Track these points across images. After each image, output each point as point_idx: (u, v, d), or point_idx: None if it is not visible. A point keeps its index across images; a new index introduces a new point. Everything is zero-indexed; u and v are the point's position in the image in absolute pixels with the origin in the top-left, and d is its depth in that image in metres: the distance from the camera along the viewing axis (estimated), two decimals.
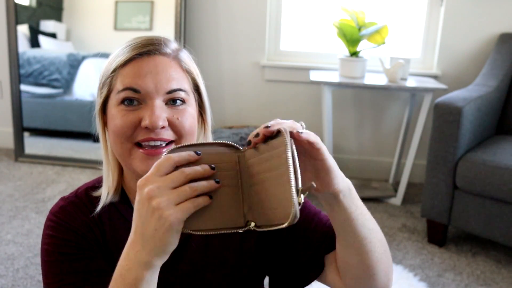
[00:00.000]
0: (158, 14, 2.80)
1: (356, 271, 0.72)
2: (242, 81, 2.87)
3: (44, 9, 2.95)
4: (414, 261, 2.01)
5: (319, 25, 2.83)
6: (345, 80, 2.40)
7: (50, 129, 3.02)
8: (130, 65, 0.74)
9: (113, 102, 0.75)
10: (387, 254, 0.74)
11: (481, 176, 1.92)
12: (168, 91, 0.73)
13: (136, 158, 0.74)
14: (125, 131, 0.73)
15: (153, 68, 0.73)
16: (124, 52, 0.75)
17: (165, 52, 0.76)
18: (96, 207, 0.81)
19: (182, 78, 0.76)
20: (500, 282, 1.88)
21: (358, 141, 2.89)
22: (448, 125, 1.97)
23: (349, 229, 0.67)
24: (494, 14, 2.56)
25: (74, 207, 0.80)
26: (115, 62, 0.75)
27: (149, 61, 0.74)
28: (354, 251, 0.69)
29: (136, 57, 0.74)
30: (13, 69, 2.88)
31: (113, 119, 0.74)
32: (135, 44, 0.75)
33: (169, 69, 0.74)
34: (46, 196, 2.47)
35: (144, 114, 0.72)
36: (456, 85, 2.63)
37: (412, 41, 2.78)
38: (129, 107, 0.73)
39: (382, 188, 2.71)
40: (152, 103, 0.72)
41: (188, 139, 0.75)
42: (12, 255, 1.94)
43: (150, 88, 0.72)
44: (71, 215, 0.79)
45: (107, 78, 0.76)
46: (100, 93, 0.77)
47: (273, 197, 0.57)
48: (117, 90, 0.74)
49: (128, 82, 0.73)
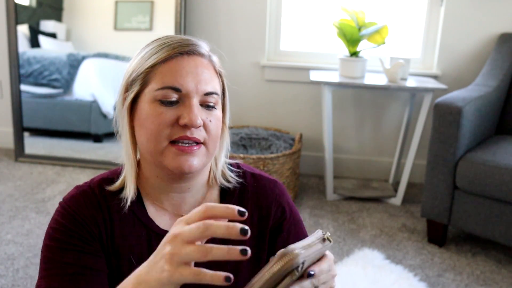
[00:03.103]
0: (158, 14, 2.80)
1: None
2: (242, 81, 2.87)
3: (44, 9, 2.95)
4: (414, 261, 2.01)
5: (319, 25, 2.83)
6: (345, 80, 2.40)
7: (50, 129, 3.02)
8: (171, 63, 0.74)
9: (147, 98, 0.75)
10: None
11: (481, 176, 1.92)
12: (206, 93, 0.75)
13: (169, 155, 0.74)
14: (162, 129, 0.74)
15: (194, 68, 0.75)
16: (162, 50, 0.75)
17: (203, 53, 0.78)
18: (108, 201, 0.80)
19: (216, 81, 0.78)
20: (500, 282, 1.88)
21: (358, 141, 2.89)
22: (448, 125, 1.97)
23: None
24: (494, 14, 2.56)
25: (85, 198, 0.79)
26: (151, 58, 0.75)
27: (189, 60, 0.75)
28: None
29: (176, 56, 0.75)
30: (13, 69, 2.88)
31: (148, 116, 0.74)
32: (174, 43, 0.76)
33: (207, 71, 0.77)
34: (46, 196, 2.47)
35: (183, 112, 0.73)
36: (456, 85, 2.63)
37: (412, 41, 2.78)
38: (167, 105, 0.74)
39: (382, 188, 2.71)
40: (191, 103, 0.74)
41: (215, 141, 0.78)
42: (12, 255, 1.94)
43: (191, 87, 0.74)
44: (80, 206, 0.78)
45: (140, 74, 0.76)
46: (131, 89, 0.77)
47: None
48: (154, 87, 0.74)
49: (169, 81, 0.74)
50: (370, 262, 1.94)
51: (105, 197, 0.80)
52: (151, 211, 0.82)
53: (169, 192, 0.81)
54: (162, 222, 0.82)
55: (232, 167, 0.88)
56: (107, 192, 0.81)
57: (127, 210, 0.80)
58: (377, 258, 1.99)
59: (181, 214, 0.83)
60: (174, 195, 0.82)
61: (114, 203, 0.80)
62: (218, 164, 0.85)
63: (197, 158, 0.75)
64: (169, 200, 0.82)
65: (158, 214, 0.82)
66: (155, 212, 0.82)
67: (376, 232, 2.25)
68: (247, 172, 0.89)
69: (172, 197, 0.82)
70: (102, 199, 0.80)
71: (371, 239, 2.18)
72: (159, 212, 0.83)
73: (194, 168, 0.75)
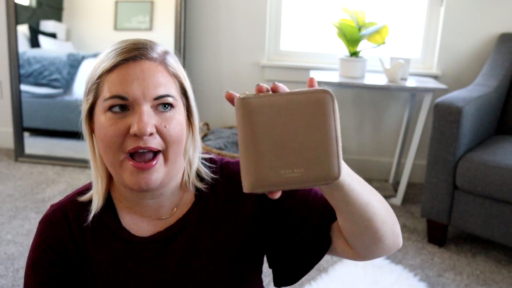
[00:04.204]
0: (158, 14, 2.80)
1: (364, 237, 0.70)
2: (242, 81, 2.87)
3: (44, 9, 2.95)
4: (414, 261, 2.02)
5: (319, 25, 2.83)
6: (345, 80, 2.40)
7: (50, 129, 3.02)
8: (116, 71, 0.72)
9: (100, 109, 0.73)
10: (389, 212, 0.72)
11: (481, 176, 1.92)
12: (155, 97, 0.72)
13: (127, 171, 0.73)
14: (115, 141, 0.71)
15: (139, 74, 0.72)
16: (109, 58, 0.73)
17: (151, 56, 0.74)
18: (81, 214, 0.81)
19: (169, 83, 0.74)
20: (500, 282, 1.88)
21: (358, 141, 2.90)
22: (448, 125, 1.97)
23: (350, 201, 0.63)
24: (494, 14, 2.56)
25: (55, 219, 0.82)
26: (100, 68, 0.73)
27: (135, 66, 0.72)
28: (357, 220, 0.67)
29: (122, 63, 0.72)
30: (13, 69, 2.88)
31: (101, 127, 0.73)
32: (120, 49, 0.73)
33: (156, 74, 0.73)
34: (46, 196, 2.47)
35: (132, 121, 0.71)
36: (456, 85, 2.63)
37: (412, 41, 2.78)
38: (117, 114, 0.72)
39: (382, 188, 2.71)
40: (140, 110, 0.71)
41: (175, 147, 0.74)
42: (12, 255, 1.94)
43: (137, 94, 0.71)
44: (48, 227, 0.81)
45: (93, 84, 0.74)
46: (86, 99, 0.76)
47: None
48: (103, 97, 0.72)
49: (115, 90, 0.71)
50: (370, 262, 1.94)
51: (77, 211, 0.81)
52: (127, 220, 0.82)
53: (141, 200, 0.80)
54: (140, 230, 0.81)
55: (206, 162, 0.86)
56: (79, 204, 0.82)
57: (101, 222, 0.81)
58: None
59: (160, 217, 0.82)
60: (149, 202, 0.81)
61: (85, 217, 0.81)
62: (192, 166, 0.82)
63: (155, 174, 0.73)
64: (144, 207, 0.81)
65: (135, 222, 0.82)
66: (131, 220, 0.82)
67: None
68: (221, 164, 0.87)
69: (147, 204, 0.81)
70: (72, 213, 0.81)
71: None
72: (136, 220, 0.82)
73: (153, 185, 0.73)
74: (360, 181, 0.65)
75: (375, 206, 0.67)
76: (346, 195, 0.62)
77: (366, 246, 0.72)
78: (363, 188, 0.64)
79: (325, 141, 0.53)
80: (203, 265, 0.81)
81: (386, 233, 0.70)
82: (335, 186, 0.60)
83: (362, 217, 0.66)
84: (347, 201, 0.63)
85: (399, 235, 0.74)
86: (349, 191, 0.61)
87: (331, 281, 1.81)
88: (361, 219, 0.66)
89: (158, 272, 0.81)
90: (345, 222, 0.70)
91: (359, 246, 0.73)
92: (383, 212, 0.69)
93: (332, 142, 0.53)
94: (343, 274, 1.85)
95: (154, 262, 0.81)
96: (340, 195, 0.62)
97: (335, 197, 0.63)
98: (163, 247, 0.80)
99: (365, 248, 0.73)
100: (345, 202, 0.63)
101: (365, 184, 0.67)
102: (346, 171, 0.60)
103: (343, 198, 0.62)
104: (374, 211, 0.67)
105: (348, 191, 0.61)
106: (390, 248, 0.73)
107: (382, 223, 0.69)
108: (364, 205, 0.64)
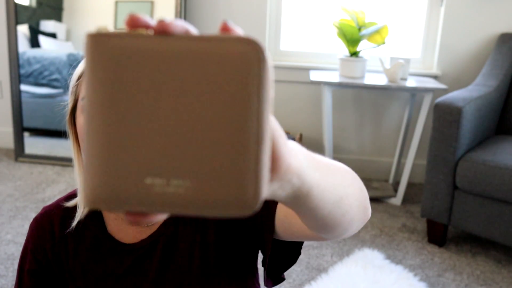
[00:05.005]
0: (158, 14, 2.80)
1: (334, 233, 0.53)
2: None
3: (44, 9, 2.95)
4: (414, 261, 2.02)
5: (319, 25, 2.83)
6: (345, 80, 2.40)
7: (50, 129, 3.02)
8: None
9: (79, 110, 0.74)
10: (361, 192, 0.54)
11: (481, 176, 1.92)
12: None
13: None
14: None
15: None
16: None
17: None
18: (66, 219, 0.81)
19: None
20: (500, 282, 1.88)
21: (358, 141, 2.89)
22: (448, 125, 1.97)
23: (319, 205, 0.44)
24: (494, 14, 2.56)
25: (41, 222, 0.83)
26: (78, 68, 0.74)
27: None
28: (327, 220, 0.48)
29: None
30: (13, 69, 2.88)
31: (80, 129, 0.73)
32: None
33: None
34: (46, 196, 2.47)
35: None
36: (456, 85, 2.63)
37: (412, 41, 2.78)
38: None
39: (382, 188, 2.71)
40: None
41: None
42: (12, 255, 1.94)
43: None
44: (34, 233, 0.83)
45: (74, 86, 0.75)
46: (70, 100, 0.76)
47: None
48: (82, 97, 0.72)
49: None
50: (370, 262, 1.94)
51: (62, 216, 0.82)
52: (112, 227, 0.82)
53: None
54: (125, 236, 0.81)
55: None
56: (65, 209, 0.82)
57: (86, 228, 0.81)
58: (377, 258, 1.99)
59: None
60: None
61: (69, 223, 0.81)
62: None
63: None
64: None
65: (120, 229, 0.81)
66: (116, 227, 0.81)
67: (376, 232, 2.25)
68: None
69: None
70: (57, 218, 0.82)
71: (371, 239, 2.18)
72: (121, 226, 0.81)
73: None
74: (324, 166, 0.45)
75: (348, 195, 0.49)
76: (312, 202, 0.42)
77: (335, 236, 0.56)
78: (331, 179, 0.45)
79: (239, 135, 0.29)
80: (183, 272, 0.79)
81: (359, 217, 0.54)
82: (295, 197, 0.40)
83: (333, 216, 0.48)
84: (314, 206, 0.43)
85: (369, 208, 0.58)
86: (318, 194, 0.42)
87: (331, 281, 1.81)
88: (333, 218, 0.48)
89: (139, 279, 0.80)
90: (309, 223, 0.51)
91: (324, 235, 0.56)
92: (357, 197, 0.52)
93: (250, 138, 0.29)
94: (343, 274, 1.85)
95: (136, 268, 0.80)
96: (304, 202, 0.42)
97: (296, 205, 0.43)
98: (145, 253, 0.80)
99: (331, 236, 0.56)
100: (309, 209, 0.44)
101: (330, 167, 0.47)
102: (307, 164, 0.39)
103: (308, 205, 0.43)
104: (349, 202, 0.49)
105: (316, 195, 0.42)
106: (359, 228, 0.57)
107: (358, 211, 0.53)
108: (337, 202, 0.46)
